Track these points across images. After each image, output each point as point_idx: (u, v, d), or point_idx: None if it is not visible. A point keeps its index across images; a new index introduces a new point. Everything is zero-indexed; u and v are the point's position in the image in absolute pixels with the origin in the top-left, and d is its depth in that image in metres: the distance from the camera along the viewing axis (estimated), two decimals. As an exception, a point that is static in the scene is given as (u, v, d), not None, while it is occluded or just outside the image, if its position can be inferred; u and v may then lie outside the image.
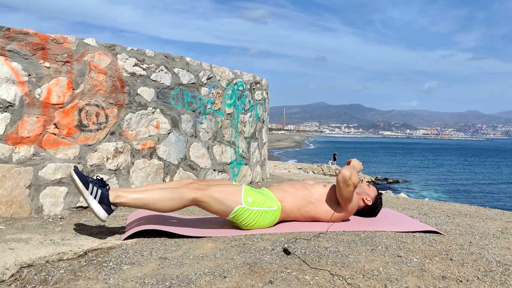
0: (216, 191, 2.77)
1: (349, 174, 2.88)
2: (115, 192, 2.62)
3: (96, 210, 2.52)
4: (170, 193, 2.68)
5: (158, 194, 2.66)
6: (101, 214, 2.53)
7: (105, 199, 2.55)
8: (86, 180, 2.54)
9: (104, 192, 2.56)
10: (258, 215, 2.84)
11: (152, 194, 2.66)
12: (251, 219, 2.83)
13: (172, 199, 2.67)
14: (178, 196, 2.68)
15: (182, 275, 1.99)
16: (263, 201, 2.89)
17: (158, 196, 2.65)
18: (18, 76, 3.02)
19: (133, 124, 3.73)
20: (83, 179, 2.53)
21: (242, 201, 2.81)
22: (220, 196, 2.76)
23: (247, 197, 2.84)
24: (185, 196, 2.69)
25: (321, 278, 1.97)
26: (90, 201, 2.51)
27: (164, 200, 2.66)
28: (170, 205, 2.68)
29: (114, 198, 2.58)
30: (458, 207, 4.38)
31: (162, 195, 2.66)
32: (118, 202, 2.58)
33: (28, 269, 2.03)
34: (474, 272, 2.11)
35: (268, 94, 6.24)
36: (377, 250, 2.41)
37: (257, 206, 2.85)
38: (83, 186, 2.51)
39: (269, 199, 2.94)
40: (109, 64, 3.53)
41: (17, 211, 3.05)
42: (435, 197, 23.44)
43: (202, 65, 4.50)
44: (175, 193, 2.68)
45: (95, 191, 2.54)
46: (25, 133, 3.07)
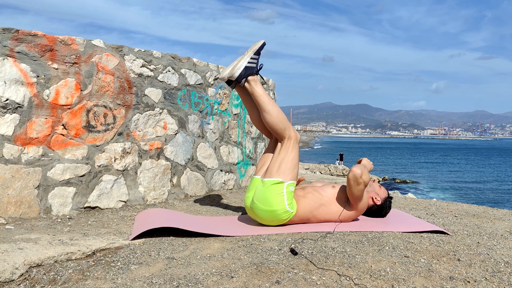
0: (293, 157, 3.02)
1: (360, 173, 2.89)
2: (256, 78, 3.16)
3: (239, 66, 3.07)
4: (284, 118, 3.08)
5: (277, 109, 3.09)
6: (235, 71, 3.07)
7: (249, 71, 3.10)
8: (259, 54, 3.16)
9: (255, 69, 3.13)
10: (278, 203, 2.89)
11: (274, 105, 3.10)
12: (272, 198, 2.89)
13: (281, 121, 3.05)
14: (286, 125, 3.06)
15: (190, 275, 2.00)
16: (291, 200, 2.96)
17: (276, 110, 3.08)
18: (27, 77, 3.05)
19: (140, 125, 3.75)
20: (259, 51, 3.15)
21: (288, 182, 2.95)
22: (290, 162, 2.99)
23: (291, 186, 2.97)
24: (289, 130, 3.05)
25: (328, 278, 1.97)
26: (244, 59, 3.09)
27: (277, 115, 3.06)
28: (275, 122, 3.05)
29: (253, 79, 3.11)
30: (466, 207, 4.36)
31: (278, 112, 3.07)
32: (251, 84, 3.11)
33: (37, 269, 2.05)
34: (482, 273, 2.10)
35: (275, 95, 6.25)
36: (384, 250, 2.41)
37: (287, 197, 2.93)
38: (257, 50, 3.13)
39: (293, 202, 2.98)
40: (117, 65, 3.55)
41: (26, 211, 3.07)
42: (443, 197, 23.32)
43: (209, 66, 4.51)
44: (286, 122, 3.07)
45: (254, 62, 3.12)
46: (34, 134, 3.09)
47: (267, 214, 2.91)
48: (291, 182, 2.95)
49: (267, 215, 2.92)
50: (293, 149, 3.03)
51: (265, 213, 2.92)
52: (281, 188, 2.91)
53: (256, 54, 3.14)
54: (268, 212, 2.90)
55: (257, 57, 3.16)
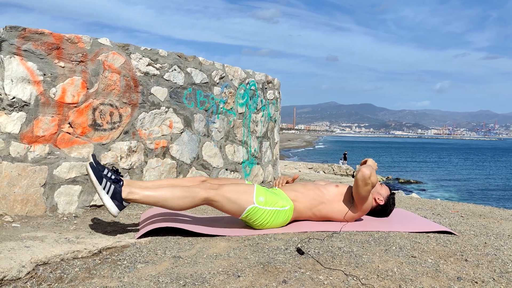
0: (228, 191, 2.77)
1: (369, 173, 2.87)
2: (129, 188, 2.64)
3: (108, 205, 2.57)
4: (182, 192, 2.69)
5: (170, 193, 2.68)
6: (112, 210, 2.57)
7: (117, 195, 2.59)
8: (101, 175, 2.59)
9: (117, 188, 2.60)
10: (270, 215, 2.84)
11: (165, 192, 2.69)
12: (264, 219, 2.83)
13: (184, 198, 2.68)
14: (190, 195, 2.69)
15: (196, 274, 1.99)
16: (276, 201, 2.89)
17: (170, 195, 2.68)
18: (34, 75, 3.05)
19: (146, 124, 3.75)
20: (98, 174, 2.58)
21: (255, 201, 2.81)
22: (233, 196, 2.76)
23: (259, 197, 2.84)
24: (197, 195, 2.70)
25: (335, 278, 1.96)
26: (103, 196, 2.57)
27: (177, 199, 2.68)
28: (182, 204, 2.69)
29: (127, 195, 2.61)
30: (472, 207, 4.34)
31: (174, 194, 2.68)
32: (130, 199, 2.62)
33: (44, 267, 2.05)
34: (490, 273, 2.09)
35: (280, 94, 6.24)
36: (391, 250, 2.40)
37: (269, 205, 2.85)
38: (97, 181, 2.56)
39: (281, 198, 2.93)
40: (123, 63, 3.56)
41: (32, 209, 3.08)
42: (447, 197, 23.26)
43: (214, 65, 4.50)
44: (188, 192, 2.70)
45: (108, 186, 2.59)
46: (40, 132, 3.10)
47: (271, 225, 2.89)
48: (255, 196, 2.83)
49: (271, 226, 2.90)
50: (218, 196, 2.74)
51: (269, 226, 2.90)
52: (257, 210, 2.81)
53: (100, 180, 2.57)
54: (271, 224, 2.89)
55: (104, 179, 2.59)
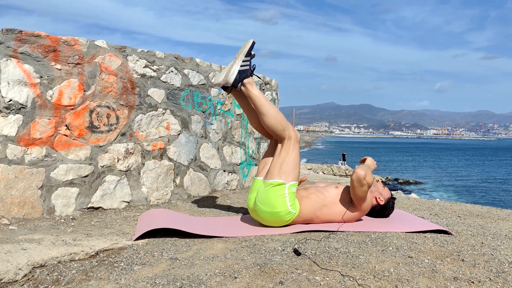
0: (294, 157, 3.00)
1: (364, 174, 2.87)
2: (252, 80, 3.09)
3: (232, 71, 3.02)
4: (282, 118, 3.05)
5: (275, 110, 3.07)
6: (230, 77, 3.02)
7: (243, 74, 3.04)
8: (251, 55, 3.07)
9: (248, 72, 3.06)
10: (280, 204, 2.88)
11: (271, 106, 3.08)
12: (274, 200, 2.88)
13: (279, 122, 3.02)
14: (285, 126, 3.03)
15: (193, 276, 1.99)
16: (293, 201, 2.95)
17: (274, 110, 3.05)
18: (30, 78, 3.05)
19: (143, 125, 3.75)
20: (250, 52, 3.06)
21: (289, 183, 2.94)
22: (290, 162, 2.97)
23: (293, 187, 2.96)
24: (288, 130, 3.02)
25: (331, 279, 1.96)
26: (236, 63, 3.03)
27: (275, 116, 3.03)
28: (274, 123, 3.02)
29: (248, 82, 3.05)
30: (470, 207, 4.35)
31: (276, 113, 3.05)
32: (247, 87, 3.05)
33: (41, 270, 2.05)
34: (486, 273, 2.09)
35: (278, 95, 6.24)
36: (387, 251, 2.40)
37: (290, 199, 2.92)
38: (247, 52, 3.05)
39: (295, 203, 2.97)
40: (120, 65, 3.56)
41: (29, 211, 3.07)
42: (446, 197, 23.27)
43: (212, 66, 4.51)
44: (285, 122, 3.05)
45: (246, 65, 3.05)
46: (37, 135, 3.10)
47: (270, 216, 2.91)
48: (292, 183, 2.95)
49: (270, 216, 2.91)
50: (293, 149, 3.01)
51: (268, 215, 2.91)
52: (283, 190, 2.90)
53: (247, 56, 3.07)
54: (271, 214, 2.90)
55: (249, 58, 3.09)
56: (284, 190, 2.90)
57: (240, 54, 3.05)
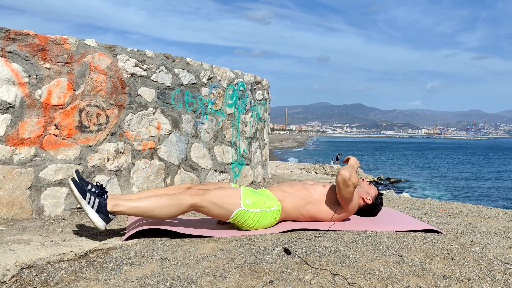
0: (214, 195, 2.76)
1: (349, 175, 2.87)
2: (113, 200, 2.61)
3: (94, 219, 2.51)
4: (168, 200, 2.68)
5: (156, 202, 2.66)
6: (98, 224, 2.52)
7: (102, 208, 2.55)
8: (84, 190, 2.55)
9: (101, 201, 2.56)
10: (258, 216, 2.84)
11: (150, 201, 2.66)
12: (252, 220, 2.83)
13: (170, 206, 2.67)
14: (176, 202, 2.68)
15: (183, 276, 1.99)
16: (263, 202, 2.89)
17: (156, 204, 2.65)
18: (19, 77, 3.02)
19: (133, 125, 3.73)
20: (81, 188, 2.54)
21: (242, 204, 2.80)
22: (219, 200, 2.76)
23: (246, 199, 2.83)
24: (183, 202, 2.69)
25: (321, 278, 1.96)
26: (88, 211, 2.52)
27: (163, 207, 2.66)
28: (168, 212, 2.68)
29: (112, 207, 2.57)
30: (460, 206, 4.37)
31: (160, 203, 2.66)
32: (116, 211, 2.59)
33: (29, 270, 2.03)
34: (476, 272, 2.10)
35: (269, 94, 6.24)
36: (378, 249, 2.40)
37: (256, 207, 2.85)
38: (80, 196, 2.51)
39: (268, 199, 2.93)
40: (110, 65, 3.53)
41: (18, 212, 3.05)
42: (438, 196, 23.40)
43: (202, 66, 4.49)
44: (173, 200, 2.68)
45: (93, 200, 2.54)
46: (26, 134, 3.07)
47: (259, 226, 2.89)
48: (242, 199, 2.83)
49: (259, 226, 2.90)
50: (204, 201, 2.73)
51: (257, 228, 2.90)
52: (244, 212, 2.81)
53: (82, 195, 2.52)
54: (258, 226, 2.89)
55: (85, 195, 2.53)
56: (246, 211, 2.81)
57: (81, 203, 2.52)
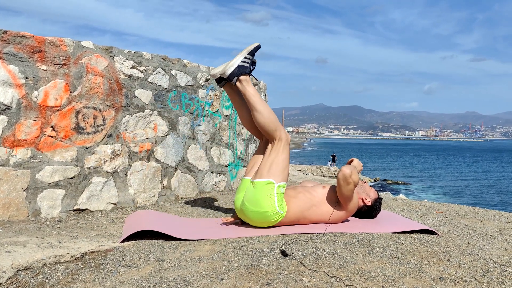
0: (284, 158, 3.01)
1: (349, 172, 2.89)
2: (248, 78, 3.12)
3: (231, 64, 3.05)
4: (275, 119, 3.07)
5: (268, 110, 3.07)
6: (228, 69, 3.05)
7: (242, 70, 3.06)
8: (253, 54, 3.12)
9: (247, 69, 3.09)
10: (268, 204, 2.88)
11: (265, 106, 3.07)
12: (262, 200, 2.88)
13: (272, 122, 3.04)
14: (277, 126, 3.04)
15: (179, 278, 1.98)
16: (281, 201, 2.95)
17: (267, 110, 3.06)
18: (15, 79, 3.02)
19: (130, 127, 3.73)
20: (253, 52, 3.13)
21: (278, 184, 2.94)
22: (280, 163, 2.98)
23: (281, 187, 2.95)
24: (280, 131, 3.05)
25: (318, 279, 1.97)
26: (238, 58, 3.06)
27: (268, 116, 3.04)
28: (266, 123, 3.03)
29: (245, 79, 3.08)
30: (456, 208, 4.38)
31: (270, 113, 3.06)
32: (243, 83, 3.08)
33: (25, 272, 2.03)
34: (472, 273, 2.11)
35: (266, 96, 6.24)
36: (374, 251, 2.41)
37: (278, 198, 2.92)
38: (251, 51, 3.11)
39: (283, 203, 2.96)
40: (106, 66, 3.53)
41: (14, 214, 3.04)
42: (434, 198, 23.43)
43: (199, 67, 4.50)
44: (277, 123, 3.07)
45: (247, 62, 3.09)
46: (22, 136, 3.06)
47: (257, 216, 2.91)
48: (281, 184, 2.94)
49: (257, 216, 2.91)
50: (283, 150, 3.01)
51: (255, 215, 2.91)
52: (271, 189, 2.90)
53: (250, 55, 3.11)
54: (258, 214, 2.89)
55: (251, 57, 3.13)
56: (273, 189, 2.90)
57: (244, 51, 3.10)
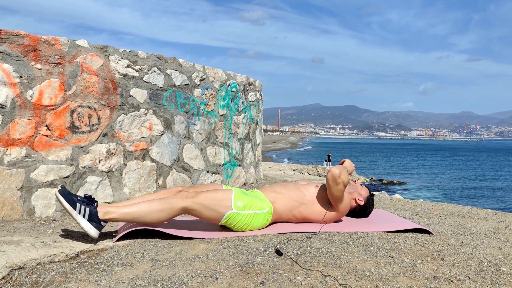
0: (205, 198, 2.75)
1: (338, 172, 2.88)
2: (104, 208, 2.60)
3: (86, 228, 2.50)
4: (159, 204, 2.67)
5: (147, 207, 2.65)
6: (91, 232, 2.51)
7: (94, 216, 2.53)
8: (73, 200, 2.52)
9: (92, 209, 2.54)
10: (249, 218, 2.84)
11: (141, 207, 2.64)
12: (243, 223, 2.83)
13: (161, 210, 2.66)
14: (167, 206, 2.67)
15: (174, 277, 1.98)
16: (254, 204, 2.88)
17: (147, 209, 2.64)
18: (10, 77, 3.01)
19: (125, 126, 3.72)
20: (70, 199, 2.51)
21: (233, 206, 2.79)
22: (210, 203, 2.74)
23: (237, 202, 2.82)
24: (174, 206, 2.68)
25: (313, 278, 1.97)
26: (79, 221, 2.50)
27: (154, 212, 2.64)
28: (160, 217, 2.67)
29: (103, 215, 2.56)
30: (451, 207, 4.40)
31: (151, 208, 2.65)
32: (107, 218, 2.57)
33: (19, 272, 2.02)
34: (466, 272, 2.11)
35: (262, 96, 6.24)
36: (369, 250, 2.41)
37: (248, 209, 2.84)
38: (71, 207, 2.49)
39: (260, 200, 2.93)
40: (101, 65, 3.52)
41: (8, 213, 3.03)
42: (430, 197, 23.49)
43: (195, 67, 4.49)
44: (164, 204, 2.67)
45: (83, 209, 2.52)
46: (17, 135, 3.05)
47: (251, 228, 2.90)
48: (233, 202, 2.81)
49: (251, 228, 2.90)
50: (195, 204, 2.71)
51: (251, 229, 2.90)
52: (236, 215, 2.80)
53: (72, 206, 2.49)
54: (250, 227, 2.89)
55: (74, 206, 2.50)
56: (237, 213, 2.80)
57: (71, 214, 2.51)
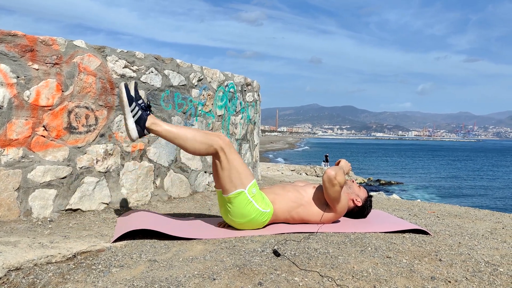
0: (237, 161, 2.83)
1: (334, 174, 2.88)
2: (153, 119, 2.78)
3: (130, 128, 2.70)
4: (202, 136, 2.80)
5: (192, 133, 2.81)
6: (132, 133, 2.71)
7: (142, 121, 2.73)
8: (132, 98, 2.72)
9: (143, 115, 2.74)
10: (251, 209, 2.85)
11: (187, 131, 2.82)
12: (244, 210, 2.84)
13: (202, 143, 2.78)
14: (208, 142, 2.79)
15: (171, 278, 1.98)
16: (261, 200, 2.91)
17: (191, 135, 2.79)
18: (7, 78, 3.00)
19: (123, 126, 3.72)
20: (129, 96, 2.71)
21: (247, 188, 2.85)
22: (236, 167, 2.82)
23: (252, 188, 2.87)
24: (214, 144, 2.79)
25: (310, 279, 1.97)
26: (128, 118, 2.70)
27: (195, 141, 2.78)
28: (198, 148, 2.79)
29: (150, 124, 2.75)
30: (448, 208, 4.40)
31: (194, 136, 2.79)
32: (152, 129, 2.76)
33: (16, 273, 2.02)
34: (463, 273, 2.12)
35: (260, 96, 6.24)
36: (366, 251, 2.42)
37: (255, 201, 2.87)
38: (127, 102, 2.69)
39: (265, 201, 2.94)
40: (99, 66, 3.52)
41: (5, 214, 3.02)
42: (427, 198, 23.53)
43: (192, 67, 4.49)
44: (206, 138, 2.80)
45: (136, 110, 2.72)
46: (14, 136, 3.05)
47: (247, 224, 2.90)
48: (251, 185, 2.86)
49: (247, 224, 2.90)
50: (230, 155, 2.82)
51: (245, 224, 2.90)
52: (245, 197, 2.84)
53: (130, 103, 2.72)
54: (247, 222, 2.88)
55: (133, 103, 2.75)
56: (247, 196, 2.84)
57: (124, 108, 2.73)
